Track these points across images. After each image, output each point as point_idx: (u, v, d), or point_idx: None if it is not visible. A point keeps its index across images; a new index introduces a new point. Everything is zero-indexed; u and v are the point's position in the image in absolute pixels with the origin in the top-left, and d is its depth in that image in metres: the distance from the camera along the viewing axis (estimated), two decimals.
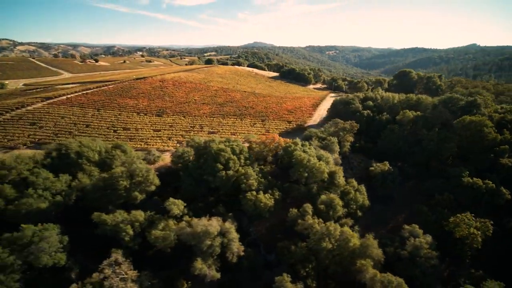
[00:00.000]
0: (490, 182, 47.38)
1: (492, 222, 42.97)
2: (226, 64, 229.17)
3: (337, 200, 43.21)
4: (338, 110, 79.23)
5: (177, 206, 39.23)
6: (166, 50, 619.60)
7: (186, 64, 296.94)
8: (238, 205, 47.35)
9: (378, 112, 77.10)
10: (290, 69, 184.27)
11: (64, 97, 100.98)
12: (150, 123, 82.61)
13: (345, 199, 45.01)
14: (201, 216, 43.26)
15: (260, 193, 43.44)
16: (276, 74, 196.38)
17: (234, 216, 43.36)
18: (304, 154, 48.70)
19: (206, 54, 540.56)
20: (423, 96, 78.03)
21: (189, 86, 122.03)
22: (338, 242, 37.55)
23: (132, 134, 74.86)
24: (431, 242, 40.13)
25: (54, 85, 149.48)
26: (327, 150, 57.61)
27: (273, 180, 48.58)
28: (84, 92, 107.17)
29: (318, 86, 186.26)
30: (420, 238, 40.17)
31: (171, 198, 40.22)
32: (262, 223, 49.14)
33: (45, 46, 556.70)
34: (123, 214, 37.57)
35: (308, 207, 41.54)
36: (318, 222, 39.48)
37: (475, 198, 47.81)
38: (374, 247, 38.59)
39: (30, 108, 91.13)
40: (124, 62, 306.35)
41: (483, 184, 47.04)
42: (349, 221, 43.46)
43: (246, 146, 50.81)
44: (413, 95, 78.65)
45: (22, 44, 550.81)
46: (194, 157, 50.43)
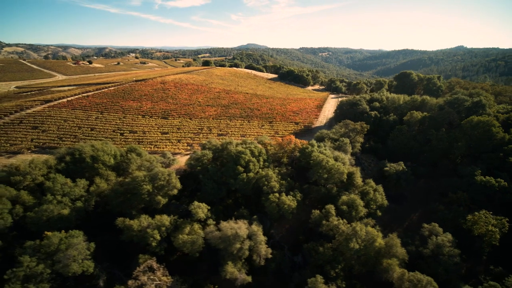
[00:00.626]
0: (502, 181, 48.81)
1: (508, 219, 44.18)
2: (223, 65, 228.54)
3: (358, 200, 43.63)
4: (345, 111, 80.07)
5: (201, 209, 38.75)
6: (159, 51, 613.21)
7: (183, 65, 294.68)
8: (259, 207, 47.25)
9: (384, 113, 78.34)
10: (288, 70, 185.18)
11: (64, 99, 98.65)
12: (157, 126, 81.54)
13: (364, 199, 45.46)
14: (221, 219, 43.06)
15: (282, 195, 43.41)
16: (274, 75, 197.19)
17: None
18: (322, 155, 49.00)
19: (200, 56, 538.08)
20: (427, 97, 79.82)
21: (191, 88, 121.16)
22: (364, 242, 37.86)
23: (139, 137, 73.73)
24: (452, 240, 40.93)
25: (49, 87, 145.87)
26: (340, 151, 58.21)
27: (291, 181, 48.65)
28: (84, 94, 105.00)
29: (317, 87, 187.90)
30: (441, 236, 40.92)
31: (196, 202, 39.71)
32: (281, 225, 49.11)
33: (34, 47, 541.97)
34: (148, 219, 36.86)
35: (331, 208, 41.74)
36: (343, 223, 39.75)
37: (488, 196, 49.11)
38: (398, 246, 39.11)
39: (29, 111, 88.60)
40: (118, 63, 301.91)
41: (496, 182, 48.41)
42: (370, 221, 43.92)
43: (264, 148, 50.71)
44: (417, 96, 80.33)
45: (9, 45, 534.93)
46: (211, 159, 50.05)
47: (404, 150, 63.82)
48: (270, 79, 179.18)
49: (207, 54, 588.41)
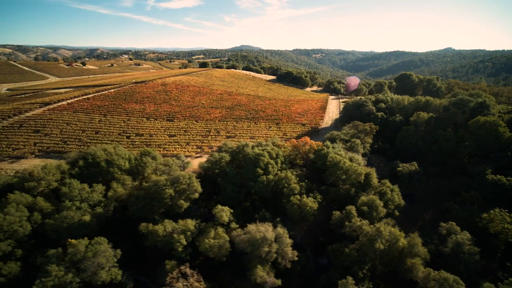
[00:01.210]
0: None
1: None
2: (221, 67, 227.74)
3: (377, 201, 44.03)
4: (352, 113, 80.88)
5: (225, 213, 38.31)
6: (153, 53, 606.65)
7: (179, 67, 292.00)
8: (277, 209, 47.05)
9: (390, 113, 79.52)
10: (287, 72, 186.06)
11: (64, 102, 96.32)
12: (163, 128, 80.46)
13: (383, 200, 45.91)
14: (240, 222, 42.69)
15: (303, 196, 43.40)
16: (273, 77, 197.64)
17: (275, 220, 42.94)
18: (339, 156, 49.29)
19: (194, 57, 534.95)
20: (431, 98, 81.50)
21: (192, 90, 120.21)
22: (388, 242, 38.19)
23: (147, 140, 72.58)
24: (471, 238, 41.74)
25: (44, 89, 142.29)
26: (352, 152, 58.70)
27: (309, 183, 48.70)
28: (84, 97, 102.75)
29: (315, 88, 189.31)
30: (460, 235, 41.67)
31: (219, 205, 39.23)
32: (299, 227, 49.03)
33: (22, 49, 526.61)
34: (173, 224, 36.17)
35: (352, 209, 41.96)
36: (366, 224, 40.02)
37: (499, 194, 50.39)
38: (420, 246, 39.61)
39: (29, 114, 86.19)
40: (111, 65, 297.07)
41: (507, 181, 49.77)
42: (390, 221, 44.37)
43: (280, 150, 50.64)
44: (421, 97, 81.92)
45: None
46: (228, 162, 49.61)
47: (413, 150, 64.88)
48: (269, 81, 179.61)
49: (201, 56, 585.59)
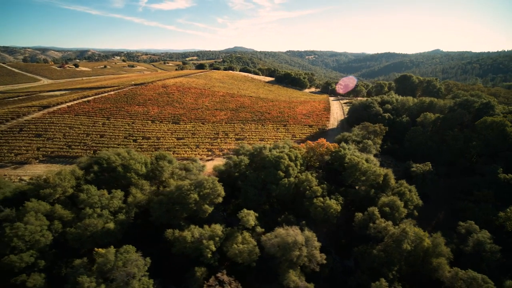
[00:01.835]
0: None
1: None
2: (218, 68, 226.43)
3: (398, 201, 44.25)
4: (359, 114, 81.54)
5: (251, 217, 37.66)
6: (145, 54, 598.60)
7: (176, 69, 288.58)
8: (296, 211, 46.66)
9: (396, 114, 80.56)
10: (285, 73, 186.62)
11: (64, 105, 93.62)
12: (170, 131, 79.11)
13: (402, 200, 46.16)
14: (262, 225, 42.11)
15: (326, 199, 43.21)
16: (271, 78, 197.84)
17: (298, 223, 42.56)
18: (356, 157, 49.40)
19: (188, 59, 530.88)
20: (435, 99, 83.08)
21: (194, 92, 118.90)
22: (413, 242, 38.34)
23: (155, 143, 71.17)
24: (491, 237, 42.39)
25: (37, 92, 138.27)
26: (365, 153, 59.03)
27: (328, 185, 48.57)
28: (84, 99, 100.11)
29: (313, 90, 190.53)
30: (481, 234, 42.28)
31: (245, 209, 38.50)
32: (319, 229, 48.75)
33: (9, 50, 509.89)
34: (199, 229, 35.27)
35: (375, 210, 42.00)
36: (390, 225, 40.12)
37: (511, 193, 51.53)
38: (443, 245, 39.91)
39: (28, 118, 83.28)
40: (105, 67, 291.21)
41: None
42: (411, 221, 44.62)
43: (298, 152, 50.37)
44: (426, 98, 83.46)
45: None
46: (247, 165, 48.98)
47: (422, 150, 65.78)
48: (268, 82, 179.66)
49: (195, 57, 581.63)
